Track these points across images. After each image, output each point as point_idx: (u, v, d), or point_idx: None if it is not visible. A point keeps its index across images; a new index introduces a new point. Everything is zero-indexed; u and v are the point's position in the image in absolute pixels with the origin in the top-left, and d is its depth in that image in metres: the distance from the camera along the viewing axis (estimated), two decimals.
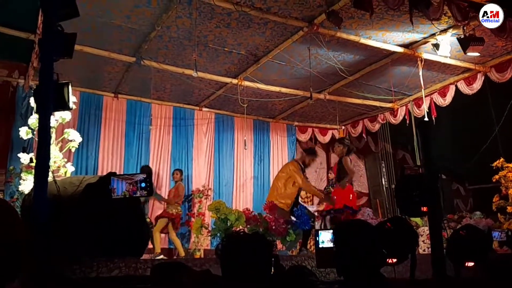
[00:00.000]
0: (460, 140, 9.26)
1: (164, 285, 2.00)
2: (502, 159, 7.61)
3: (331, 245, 3.02)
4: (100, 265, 3.39)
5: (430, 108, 8.59)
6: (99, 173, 8.06)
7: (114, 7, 5.76)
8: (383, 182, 10.12)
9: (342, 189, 6.69)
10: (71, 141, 6.18)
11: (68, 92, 3.48)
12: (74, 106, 4.85)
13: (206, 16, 5.96)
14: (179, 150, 9.41)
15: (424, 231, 6.77)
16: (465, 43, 6.08)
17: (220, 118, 9.96)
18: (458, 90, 8.23)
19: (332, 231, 2.25)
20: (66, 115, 6.05)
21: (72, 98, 3.66)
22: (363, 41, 6.69)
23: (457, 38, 6.26)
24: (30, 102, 6.64)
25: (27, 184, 5.68)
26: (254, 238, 1.94)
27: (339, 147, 6.95)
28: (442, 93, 8.51)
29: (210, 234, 5.80)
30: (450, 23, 6.29)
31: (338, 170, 6.96)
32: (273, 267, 1.96)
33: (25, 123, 6.38)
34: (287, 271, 2.34)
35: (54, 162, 5.81)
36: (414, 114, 8.98)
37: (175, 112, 9.44)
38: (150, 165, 8.86)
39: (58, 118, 5.98)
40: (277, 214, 6.13)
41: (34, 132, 5.96)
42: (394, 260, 2.56)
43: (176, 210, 7.74)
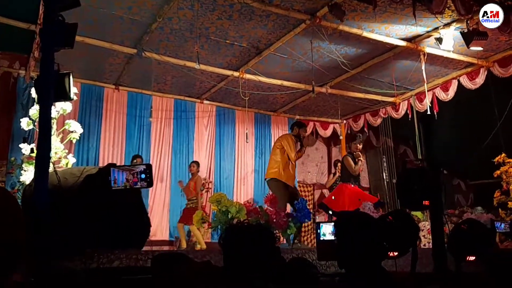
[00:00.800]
0: (461, 135, 9.24)
1: (164, 276, 1.99)
2: (503, 155, 7.60)
3: (332, 237, 3.01)
4: (101, 256, 3.39)
5: (432, 102, 8.56)
6: (100, 165, 8.06)
7: None
8: (384, 177, 10.12)
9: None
10: (72, 132, 6.16)
11: (69, 82, 3.46)
12: (75, 97, 4.82)
13: (208, 7, 5.92)
14: (180, 142, 9.40)
15: (425, 226, 6.78)
16: (468, 37, 6.05)
17: (221, 111, 9.94)
18: (460, 85, 8.20)
19: (333, 224, 2.24)
20: (67, 106, 6.03)
21: (73, 89, 3.64)
22: (366, 34, 6.65)
23: (460, 32, 6.22)
24: (31, 93, 6.62)
25: (28, 175, 5.68)
26: (257, 228, 1.93)
27: (359, 145, 7.04)
28: (445, 87, 8.49)
29: (211, 226, 5.80)
30: (453, 17, 6.26)
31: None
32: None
33: (26, 114, 6.36)
34: (288, 263, 2.34)
35: (55, 153, 5.80)
36: (416, 109, 8.95)
37: (176, 104, 9.42)
38: (151, 157, 8.87)
39: (59, 109, 5.96)
40: (272, 187, 6.30)
41: (35, 123, 5.94)
42: (395, 253, 2.56)
43: (200, 202, 7.89)
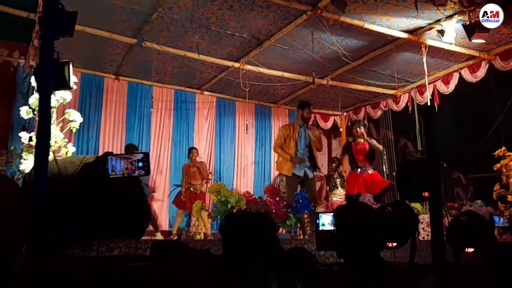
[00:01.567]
0: (462, 128, 9.22)
1: (163, 264, 2.00)
2: (504, 148, 7.57)
3: (331, 228, 3.02)
4: (100, 244, 3.40)
5: (433, 95, 8.54)
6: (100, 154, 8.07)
7: None
8: (384, 169, 10.09)
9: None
10: (72, 121, 6.15)
11: (69, 71, 3.42)
12: (75, 86, 4.81)
13: None
14: (180, 133, 9.40)
15: (424, 219, 6.78)
16: (470, 30, 6.02)
17: (221, 102, 9.93)
18: (461, 78, 8.17)
19: (332, 214, 2.24)
20: (67, 95, 6.01)
21: (73, 78, 3.62)
22: (367, 26, 6.62)
23: (462, 24, 6.19)
24: (31, 81, 6.61)
25: (28, 163, 5.68)
26: (257, 217, 1.93)
27: (362, 129, 6.99)
28: (446, 80, 8.46)
29: (210, 216, 5.81)
30: (455, 9, 6.22)
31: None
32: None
33: (25, 103, 6.35)
34: (287, 253, 2.34)
35: (55, 142, 5.79)
36: (417, 101, 8.93)
37: (176, 95, 9.40)
38: (151, 148, 8.88)
39: (58, 98, 5.94)
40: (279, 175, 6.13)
41: (35, 111, 5.93)
42: (394, 244, 2.57)
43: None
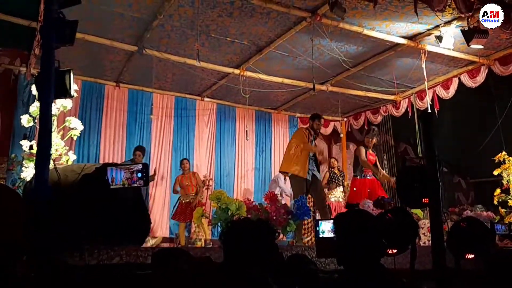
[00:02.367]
0: (462, 133, 9.24)
1: (165, 271, 2.00)
2: (504, 153, 7.59)
3: (331, 235, 3.02)
4: (100, 252, 3.40)
5: (433, 100, 8.55)
6: (101, 162, 8.08)
7: None
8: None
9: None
10: (73, 129, 6.16)
11: (69, 79, 3.45)
12: (75, 94, 4.82)
13: (208, 5, 5.91)
14: (181, 140, 9.41)
15: (424, 224, 6.77)
16: (469, 35, 6.04)
17: (222, 109, 9.95)
18: (461, 83, 8.19)
19: (333, 221, 2.25)
20: (67, 103, 6.02)
21: (73, 86, 3.64)
22: (367, 32, 6.64)
23: (461, 30, 6.21)
24: (32, 90, 6.62)
25: (29, 171, 5.68)
26: (258, 224, 1.94)
27: (375, 140, 7.12)
28: (445, 85, 8.48)
29: (211, 223, 5.81)
30: (454, 15, 6.24)
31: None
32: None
33: (26, 111, 6.37)
34: (288, 259, 2.35)
35: (56, 150, 5.80)
36: (417, 107, 8.95)
37: (177, 102, 9.43)
38: (151, 154, 8.90)
39: (59, 105, 5.96)
40: (292, 182, 6.43)
41: (36, 120, 5.94)
42: (394, 250, 2.57)
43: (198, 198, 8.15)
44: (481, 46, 6.40)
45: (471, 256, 2.75)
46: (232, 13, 6.13)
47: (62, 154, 5.99)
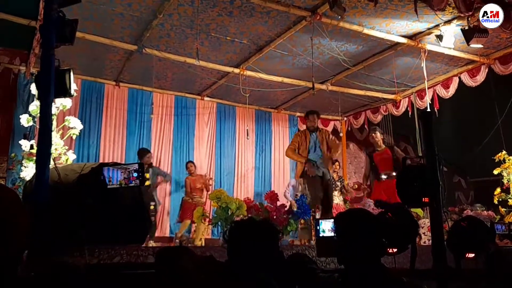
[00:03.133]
0: (462, 132, 9.24)
1: (168, 270, 2.00)
2: (504, 152, 7.58)
3: (332, 234, 3.02)
4: (101, 252, 3.40)
5: (433, 100, 8.55)
6: (101, 161, 8.07)
7: None
8: None
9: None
10: (72, 128, 6.16)
11: (69, 78, 3.46)
12: (75, 93, 4.82)
13: (208, 4, 5.91)
14: (181, 139, 9.41)
15: (425, 223, 6.77)
16: (469, 35, 6.04)
17: (222, 108, 9.95)
18: (461, 82, 8.19)
19: (333, 220, 2.24)
20: (67, 102, 6.02)
21: (73, 85, 3.64)
22: (367, 31, 6.64)
23: (461, 29, 6.21)
24: (32, 89, 6.60)
25: (29, 171, 5.68)
26: (262, 224, 1.94)
27: (379, 134, 7.04)
28: (445, 85, 8.47)
29: (211, 223, 5.81)
30: (454, 14, 6.24)
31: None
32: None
33: (26, 111, 6.36)
34: (288, 258, 2.34)
35: (56, 149, 5.79)
36: (417, 106, 8.94)
37: (177, 101, 9.43)
38: (152, 154, 8.85)
39: (59, 105, 5.96)
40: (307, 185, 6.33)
41: (35, 119, 5.94)
42: (395, 250, 2.57)
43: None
44: (481, 45, 6.40)
45: (472, 255, 2.75)
46: (232, 12, 6.13)
47: (62, 153, 5.98)
